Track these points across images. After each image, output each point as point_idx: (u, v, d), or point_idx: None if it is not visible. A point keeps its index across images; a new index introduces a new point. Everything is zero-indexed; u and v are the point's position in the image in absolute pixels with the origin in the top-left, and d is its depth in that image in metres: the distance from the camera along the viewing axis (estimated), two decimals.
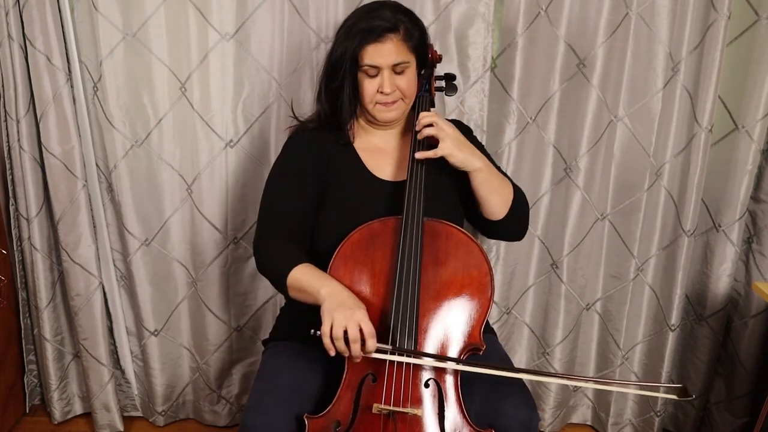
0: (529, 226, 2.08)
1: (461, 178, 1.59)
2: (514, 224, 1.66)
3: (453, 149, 1.52)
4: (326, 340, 1.32)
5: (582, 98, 2.00)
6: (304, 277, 1.45)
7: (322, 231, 1.59)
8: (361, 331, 1.32)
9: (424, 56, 1.61)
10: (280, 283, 1.48)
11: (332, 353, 1.33)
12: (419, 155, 1.53)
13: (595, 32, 1.94)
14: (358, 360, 1.35)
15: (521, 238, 1.74)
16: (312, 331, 1.34)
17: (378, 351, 1.35)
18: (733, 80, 1.98)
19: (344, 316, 1.32)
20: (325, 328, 1.32)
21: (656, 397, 2.22)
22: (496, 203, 1.59)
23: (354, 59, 1.51)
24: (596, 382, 1.83)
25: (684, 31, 1.92)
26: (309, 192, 1.59)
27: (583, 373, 2.33)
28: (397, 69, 1.53)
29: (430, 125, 1.53)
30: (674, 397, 1.39)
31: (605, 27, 1.93)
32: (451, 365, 1.41)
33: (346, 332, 1.31)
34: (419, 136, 1.55)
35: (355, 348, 1.32)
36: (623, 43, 1.95)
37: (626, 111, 2.04)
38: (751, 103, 1.95)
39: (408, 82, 1.55)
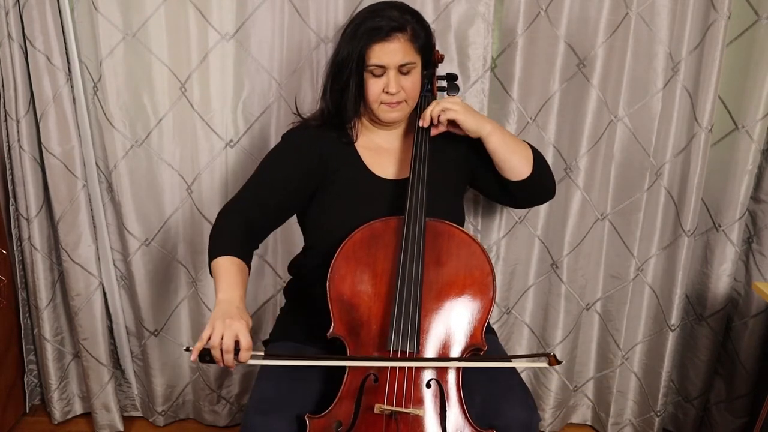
0: (529, 227, 2.10)
1: (465, 175, 1.59)
2: (543, 179, 1.67)
3: (464, 114, 1.55)
4: (199, 344, 1.32)
5: (582, 98, 2.00)
6: (221, 272, 1.47)
7: (324, 229, 1.59)
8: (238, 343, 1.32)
9: (429, 57, 1.61)
10: (209, 259, 1.51)
11: (192, 358, 1.32)
12: (422, 122, 1.57)
13: (595, 32, 1.94)
14: (232, 368, 1.37)
15: (553, 194, 1.76)
16: (185, 347, 1.37)
17: (254, 358, 1.36)
18: (733, 80, 1.98)
19: (224, 324, 1.32)
20: (204, 334, 1.33)
21: (654, 397, 2.22)
22: (518, 162, 1.61)
23: (360, 58, 1.51)
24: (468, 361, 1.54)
25: (684, 31, 1.92)
26: (291, 189, 1.60)
27: (582, 372, 2.34)
28: (403, 69, 1.53)
29: (440, 113, 1.56)
30: (545, 364, 1.36)
31: (605, 27, 1.93)
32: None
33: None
34: (434, 130, 1.59)
35: (228, 358, 1.32)
36: (623, 43, 1.95)
37: (626, 111, 2.04)
38: (751, 103, 1.95)
39: (413, 83, 1.55)
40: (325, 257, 1.50)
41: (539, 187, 1.69)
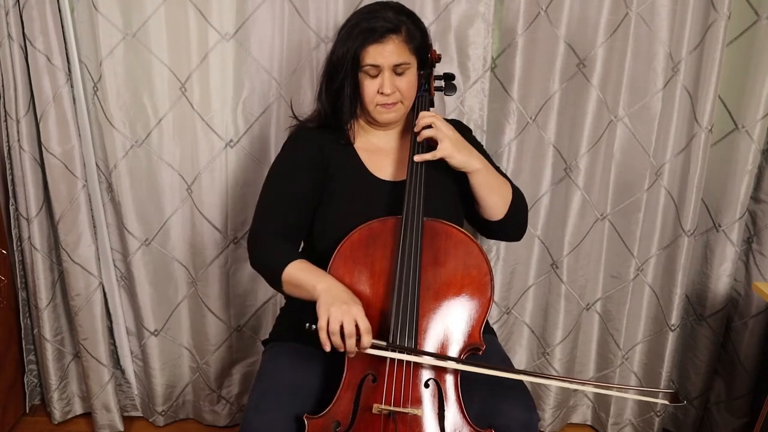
0: (529, 226, 2.09)
1: (460, 179, 1.59)
2: (513, 224, 1.66)
3: (452, 151, 1.51)
4: (323, 335, 1.32)
5: (582, 98, 2.00)
6: (299, 272, 1.45)
7: (322, 231, 1.59)
8: (357, 327, 1.32)
9: (425, 58, 1.61)
10: (274, 278, 1.48)
11: (327, 348, 1.33)
12: (418, 158, 1.53)
13: (595, 32, 1.94)
14: (353, 356, 1.36)
15: (520, 238, 1.74)
16: (307, 325, 1.35)
17: (374, 347, 1.35)
18: (733, 80, 1.98)
19: (341, 310, 1.32)
20: (322, 323, 1.32)
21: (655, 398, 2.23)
22: (495, 204, 1.59)
23: (355, 59, 1.51)
24: (596, 386, 1.83)
25: (684, 31, 1.92)
26: (307, 190, 1.59)
27: (582, 373, 2.33)
28: (397, 70, 1.53)
29: (429, 126, 1.53)
30: (666, 402, 1.39)
31: (605, 27, 1.93)
32: (451, 364, 1.41)
33: (342, 327, 1.31)
34: (419, 138, 1.55)
35: (351, 343, 1.32)
36: (623, 43, 1.95)
37: (626, 111, 2.04)
38: (751, 103, 1.95)
39: (408, 83, 1.55)
40: (323, 257, 1.50)
41: (505, 231, 1.70)
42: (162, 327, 2.24)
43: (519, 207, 1.65)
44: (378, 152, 1.66)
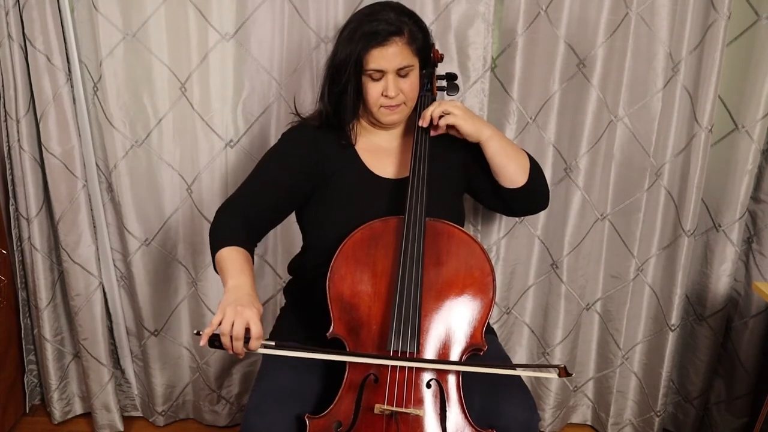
0: (529, 227, 2.10)
1: (469, 165, 1.59)
2: (537, 189, 1.67)
3: (462, 119, 1.54)
4: (208, 329, 1.32)
5: (582, 98, 2.00)
6: (226, 260, 1.48)
7: (324, 230, 1.59)
8: (248, 330, 1.32)
9: (427, 57, 1.61)
10: (212, 253, 1.53)
11: (202, 344, 1.32)
12: (422, 121, 1.57)
13: (595, 32, 1.94)
14: (240, 356, 1.36)
15: (545, 205, 1.75)
16: (195, 331, 1.38)
17: (264, 347, 1.36)
18: (733, 80, 1.98)
19: (235, 311, 1.32)
20: (215, 319, 1.33)
21: (654, 397, 2.22)
22: (514, 170, 1.60)
23: (358, 63, 1.50)
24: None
25: (684, 31, 1.92)
26: (289, 185, 1.60)
27: (582, 372, 2.34)
28: (401, 72, 1.52)
29: (441, 116, 1.56)
30: (554, 376, 1.37)
31: (605, 27, 1.93)
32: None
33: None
34: (432, 128, 1.58)
35: (237, 345, 1.32)
36: (623, 43, 1.95)
37: (626, 111, 2.04)
38: (751, 103, 1.95)
39: (411, 84, 1.55)
40: (324, 257, 1.49)
41: (532, 196, 1.68)
42: (162, 327, 2.23)
43: (538, 172, 1.66)
44: (379, 151, 1.66)
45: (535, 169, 1.64)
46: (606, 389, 2.33)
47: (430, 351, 1.43)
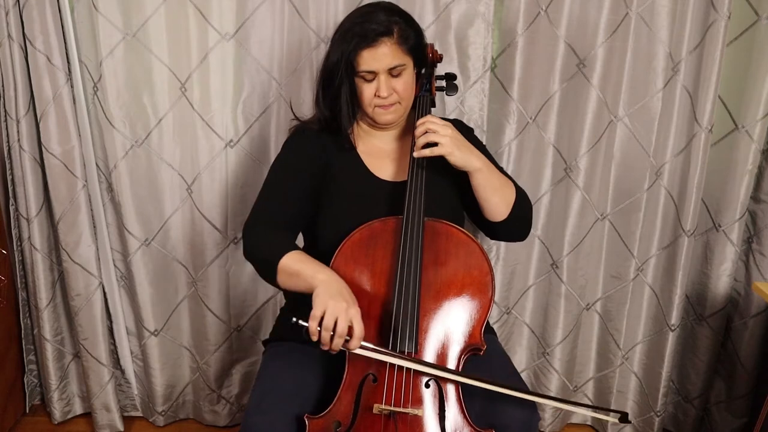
0: None
1: (462, 179, 1.58)
2: (517, 225, 1.63)
3: (451, 148, 1.49)
4: (313, 324, 1.30)
5: (582, 98, 2.00)
6: (297, 262, 1.43)
7: (323, 231, 1.59)
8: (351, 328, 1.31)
9: (422, 56, 1.60)
10: (269, 267, 1.46)
11: (314, 338, 1.31)
12: (417, 153, 1.51)
13: (595, 32, 1.94)
14: (334, 353, 1.34)
15: (524, 238, 1.71)
16: (294, 319, 1.32)
17: (362, 348, 1.34)
18: (733, 80, 1.98)
19: (339, 307, 1.31)
20: (317, 312, 1.30)
21: (654, 397, 2.22)
22: (497, 204, 1.57)
23: (350, 64, 1.50)
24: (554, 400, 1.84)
25: (684, 31, 1.92)
26: (307, 188, 1.59)
27: (582, 372, 2.34)
28: (393, 72, 1.52)
29: (426, 133, 1.50)
30: (615, 420, 1.39)
31: (605, 27, 1.93)
32: (436, 371, 1.40)
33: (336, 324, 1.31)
34: (415, 150, 1.51)
35: (338, 342, 1.31)
36: (623, 43, 1.95)
37: (626, 111, 2.04)
38: (751, 103, 1.95)
39: (404, 84, 1.54)
40: (324, 257, 1.49)
41: (508, 232, 1.65)
42: (162, 327, 2.24)
43: (522, 208, 1.61)
44: (379, 153, 1.66)
45: (519, 204, 1.59)
46: (606, 389, 2.33)
47: (429, 350, 1.43)
